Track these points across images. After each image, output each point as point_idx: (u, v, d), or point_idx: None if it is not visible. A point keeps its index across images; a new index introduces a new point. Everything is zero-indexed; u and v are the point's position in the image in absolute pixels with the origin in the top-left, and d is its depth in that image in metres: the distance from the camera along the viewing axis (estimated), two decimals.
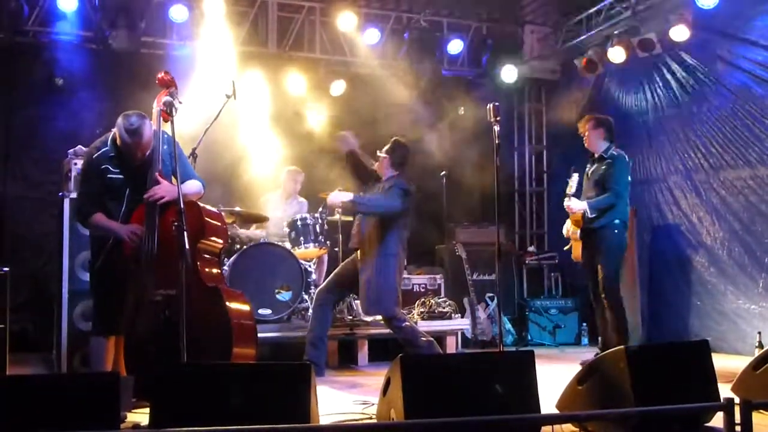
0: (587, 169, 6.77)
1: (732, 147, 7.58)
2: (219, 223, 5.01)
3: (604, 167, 6.59)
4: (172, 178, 4.60)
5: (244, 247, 7.27)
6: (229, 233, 5.77)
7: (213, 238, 4.90)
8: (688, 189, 8.06)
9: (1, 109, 8.23)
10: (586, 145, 6.76)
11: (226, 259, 7.04)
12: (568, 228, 6.91)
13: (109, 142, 4.74)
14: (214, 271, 4.94)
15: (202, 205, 4.88)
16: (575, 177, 6.65)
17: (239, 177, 8.96)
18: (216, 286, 4.77)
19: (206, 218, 4.82)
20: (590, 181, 6.70)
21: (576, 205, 6.53)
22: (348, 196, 6.16)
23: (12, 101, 8.27)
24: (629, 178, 6.74)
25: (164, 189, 4.59)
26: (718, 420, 3.50)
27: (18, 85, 8.18)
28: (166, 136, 4.70)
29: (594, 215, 6.50)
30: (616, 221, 6.54)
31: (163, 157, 4.72)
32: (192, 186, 4.85)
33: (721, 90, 7.71)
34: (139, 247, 4.56)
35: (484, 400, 3.59)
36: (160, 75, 4.81)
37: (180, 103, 4.68)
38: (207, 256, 4.86)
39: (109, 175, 4.70)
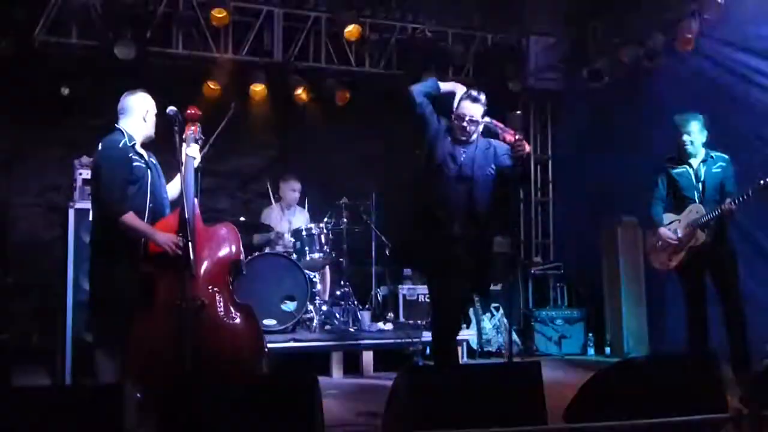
0: (687, 171, 6.17)
1: (739, 156, 7.51)
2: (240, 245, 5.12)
3: (718, 169, 6.08)
4: (179, 179, 4.71)
5: (249, 257, 7.27)
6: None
7: (240, 260, 4.99)
8: None
9: (7, 118, 8.26)
10: (689, 148, 6.16)
11: None
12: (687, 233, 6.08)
13: (125, 133, 4.75)
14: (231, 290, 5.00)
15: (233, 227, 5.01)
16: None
17: (244, 187, 9.01)
18: (247, 304, 4.81)
19: (240, 241, 4.95)
20: (705, 183, 6.08)
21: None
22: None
23: (18, 110, 8.29)
24: None
25: None
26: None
27: (24, 95, 8.18)
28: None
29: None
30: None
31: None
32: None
33: (727, 100, 7.67)
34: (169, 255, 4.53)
35: (491, 411, 3.55)
36: (189, 111, 4.93)
37: (202, 138, 4.94)
38: (233, 273, 4.96)
39: (135, 164, 4.68)
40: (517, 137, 5.11)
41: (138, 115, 4.83)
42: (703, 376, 4.05)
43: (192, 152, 4.85)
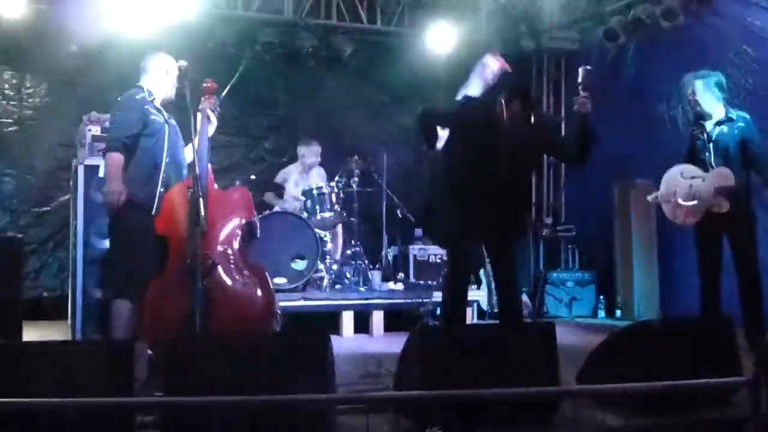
0: (701, 134, 5.93)
1: (757, 120, 7.40)
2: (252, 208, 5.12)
3: (736, 131, 5.80)
4: (191, 146, 4.71)
5: (259, 216, 7.24)
6: None
7: (252, 222, 4.98)
8: None
9: (17, 75, 8.21)
10: (698, 109, 5.97)
11: None
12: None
13: (144, 89, 4.86)
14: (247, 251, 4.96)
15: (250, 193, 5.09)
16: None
17: (254, 145, 8.96)
18: (259, 265, 4.82)
19: (252, 205, 5.01)
20: (717, 144, 5.83)
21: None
22: None
23: (27, 67, 8.24)
24: None
25: None
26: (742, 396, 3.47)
27: (33, 52, 8.11)
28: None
29: None
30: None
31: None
32: None
33: (744, 61, 7.54)
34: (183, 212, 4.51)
35: (504, 372, 3.53)
36: (206, 84, 4.91)
37: (219, 109, 4.97)
38: (247, 237, 4.93)
39: (152, 116, 4.77)
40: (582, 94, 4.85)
41: (158, 75, 4.94)
42: (717, 340, 4.02)
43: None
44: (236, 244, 4.76)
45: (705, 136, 5.91)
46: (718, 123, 5.88)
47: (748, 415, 3.14)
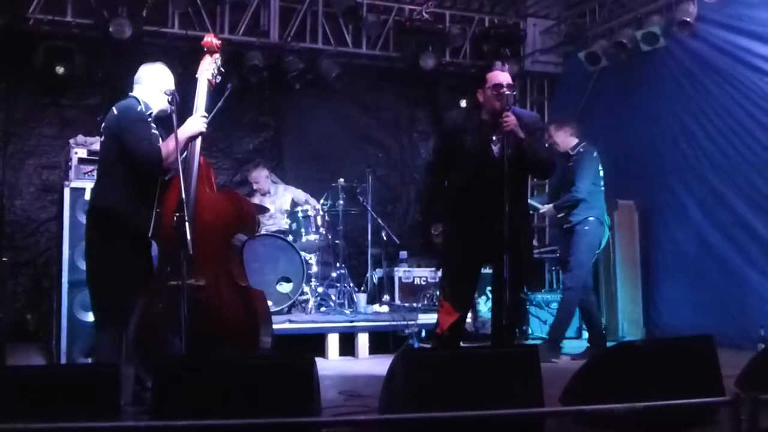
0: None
1: (735, 139, 7.51)
2: (253, 217, 4.84)
3: (570, 164, 6.85)
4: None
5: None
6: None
7: (247, 233, 4.69)
8: (688, 182, 7.96)
9: (1, 97, 8.20)
10: (556, 148, 6.90)
11: None
12: None
13: (140, 101, 4.44)
14: (241, 268, 4.64)
15: (242, 196, 4.76)
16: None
17: (239, 168, 8.98)
18: (247, 287, 4.54)
19: (246, 211, 4.64)
20: (563, 177, 6.91)
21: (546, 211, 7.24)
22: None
23: (12, 88, 8.24)
24: (599, 173, 6.96)
25: None
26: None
27: (18, 73, 8.13)
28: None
29: (561, 215, 6.94)
30: (590, 218, 6.78)
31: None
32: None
33: (724, 84, 7.65)
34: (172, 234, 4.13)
35: (488, 394, 3.55)
36: (208, 39, 4.70)
37: (222, 70, 4.72)
38: (237, 250, 4.60)
39: (152, 131, 4.38)
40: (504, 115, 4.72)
41: (153, 87, 4.51)
42: (699, 359, 4.06)
43: (201, 99, 4.53)
44: (227, 256, 4.45)
45: (559, 170, 6.72)
46: (566, 157, 6.87)
47: None
